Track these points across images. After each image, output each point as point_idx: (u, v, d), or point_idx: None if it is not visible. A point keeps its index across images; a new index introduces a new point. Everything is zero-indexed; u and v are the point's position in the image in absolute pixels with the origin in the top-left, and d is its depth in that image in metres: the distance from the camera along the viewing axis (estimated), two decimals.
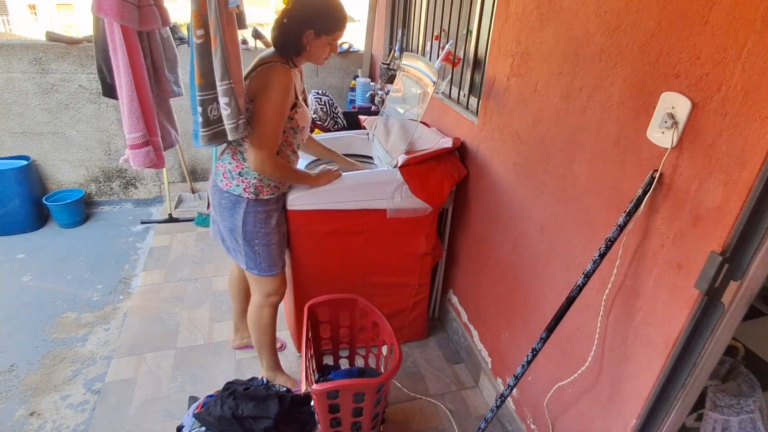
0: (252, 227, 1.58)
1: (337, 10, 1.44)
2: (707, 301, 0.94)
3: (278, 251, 1.67)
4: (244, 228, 1.58)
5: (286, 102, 1.44)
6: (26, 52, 2.88)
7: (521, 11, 1.47)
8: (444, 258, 2.19)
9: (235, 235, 1.61)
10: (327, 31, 1.43)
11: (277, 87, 1.40)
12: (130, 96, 2.10)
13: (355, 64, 3.58)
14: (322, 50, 1.48)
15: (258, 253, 1.62)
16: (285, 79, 1.41)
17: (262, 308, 1.74)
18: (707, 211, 0.90)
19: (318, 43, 1.45)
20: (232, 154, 1.56)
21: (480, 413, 1.87)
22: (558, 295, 1.41)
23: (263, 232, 1.60)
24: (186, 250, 2.88)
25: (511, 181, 1.62)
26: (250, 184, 1.54)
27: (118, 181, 3.43)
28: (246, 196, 1.54)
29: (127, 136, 2.22)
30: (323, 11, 1.42)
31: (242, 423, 1.56)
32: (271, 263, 1.65)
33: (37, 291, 2.48)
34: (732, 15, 0.82)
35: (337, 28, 1.45)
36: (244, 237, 1.59)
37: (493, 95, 1.68)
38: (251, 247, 1.61)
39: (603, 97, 1.14)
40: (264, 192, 1.56)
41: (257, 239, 1.60)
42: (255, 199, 1.55)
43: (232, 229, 1.60)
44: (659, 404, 1.09)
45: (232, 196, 1.55)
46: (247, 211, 1.56)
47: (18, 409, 1.81)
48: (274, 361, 1.87)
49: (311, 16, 1.41)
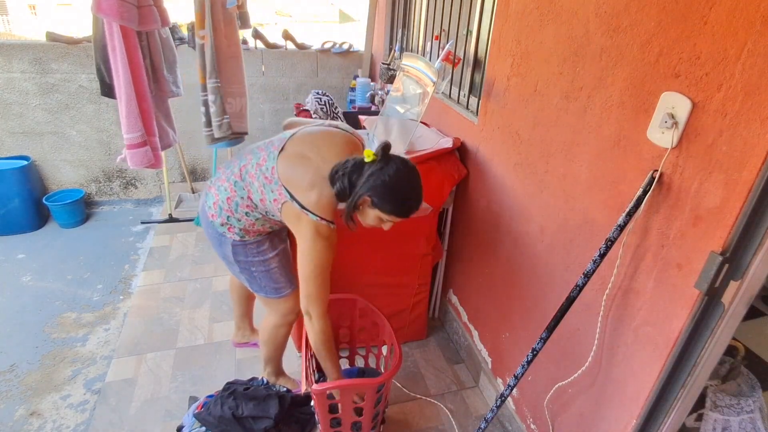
0: (244, 258, 1.48)
1: (405, 195, 1.26)
2: (707, 301, 0.94)
3: (281, 272, 1.55)
4: (236, 259, 1.48)
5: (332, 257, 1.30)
6: (26, 52, 2.88)
7: (521, 11, 1.47)
8: (444, 258, 2.19)
9: (230, 263, 1.52)
10: (383, 208, 1.25)
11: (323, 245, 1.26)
12: (128, 96, 2.10)
13: (355, 64, 3.58)
14: (371, 219, 1.30)
15: (258, 279, 1.53)
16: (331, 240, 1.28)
17: (279, 328, 1.66)
18: (707, 210, 0.90)
19: (370, 212, 1.28)
20: (229, 190, 1.38)
21: (480, 413, 1.87)
22: (558, 295, 1.41)
23: (258, 260, 1.50)
24: (186, 250, 2.88)
25: (512, 181, 1.62)
26: (235, 230, 1.43)
27: (119, 181, 3.43)
28: (229, 236, 1.43)
29: (125, 135, 2.22)
30: (390, 188, 1.21)
31: (242, 423, 1.56)
32: (277, 287, 1.56)
33: (37, 291, 2.48)
34: (732, 15, 0.82)
35: (393, 213, 1.26)
36: (239, 267, 1.50)
37: (493, 95, 1.68)
38: (250, 274, 1.53)
39: (603, 97, 1.14)
40: (250, 234, 1.45)
41: (253, 267, 1.51)
42: (242, 241, 1.45)
43: (225, 257, 1.51)
44: (659, 404, 1.09)
45: (217, 231, 1.44)
46: (234, 245, 1.45)
47: (18, 409, 1.81)
48: (279, 369, 1.86)
49: (376, 184, 1.20)
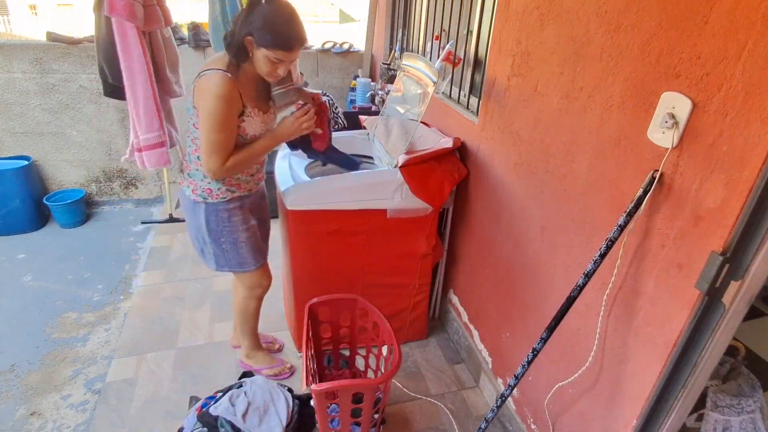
0: (215, 226, 1.57)
1: (282, 25, 1.31)
2: (708, 301, 0.94)
3: (248, 248, 1.65)
4: (208, 227, 1.57)
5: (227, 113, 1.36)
6: (27, 52, 2.88)
7: (522, 11, 1.47)
8: (444, 258, 2.18)
9: (202, 234, 1.60)
10: (265, 43, 1.31)
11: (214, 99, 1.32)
12: (146, 96, 2.09)
13: (355, 64, 3.58)
14: (262, 63, 1.35)
15: (226, 251, 1.62)
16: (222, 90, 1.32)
17: (248, 300, 1.79)
18: (708, 210, 0.90)
19: (258, 54, 1.34)
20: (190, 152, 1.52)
21: (480, 413, 1.87)
22: (558, 295, 1.41)
23: (227, 230, 1.59)
24: (186, 250, 2.88)
25: (512, 181, 1.61)
26: (197, 186, 1.52)
27: (119, 181, 3.44)
28: (194, 198, 1.53)
29: (142, 136, 2.20)
30: (267, 20, 1.29)
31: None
32: (242, 261, 1.65)
33: (37, 291, 2.48)
34: (733, 15, 0.82)
35: (275, 45, 1.31)
36: (209, 235, 1.59)
37: (494, 95, 1.68)
38: (218, 245, 1.61)
39: (603, 97, 1.14)
40: (213, 196, 1.53)
41: (223, 237, 1.59)
42: (205, 202, 1.53)
43: (198, 228, 1.59)
44: (660, 404, 1.09)
45: (186, 196, 1.56)
46: (207, 211, 1.55)
47: (18, 409, 1.81)
48: (255, 343, 1.96)
49: (255, 21, 1.29)
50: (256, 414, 1.59)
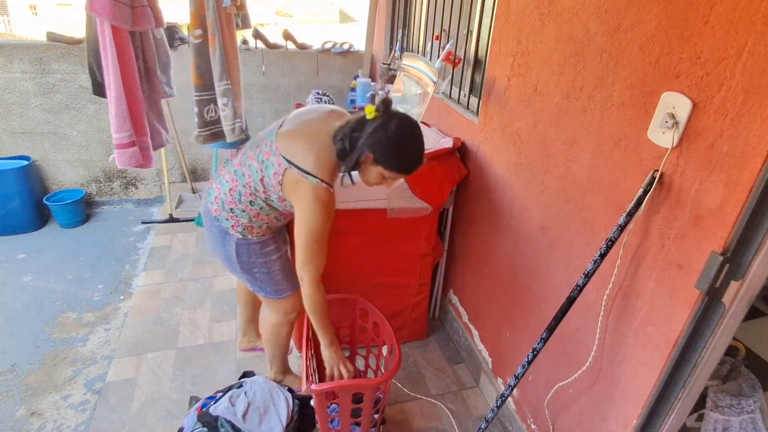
0: (247, 258, 1.47)
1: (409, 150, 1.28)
2: (708, 301, 0.94)
3: (283, 275, 1.55)
4: (238, 259, 1.47)
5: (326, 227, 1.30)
6: (27, 52, 2.88)
7: (522, 11, 1.47)
8: (444, 258, 2.18)
9: (231, 264, 1.51)
10: (386, 165, 1.27)
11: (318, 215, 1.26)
12: (117, 96, 2.09)
13: (355, 64, 3.57)
14: (374, 176, 1.31)
15: (260, 280, 1.53)
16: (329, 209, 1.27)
17: (280, 326, 1.67)
18: (708, 211, 0.90)
19: (373, 170, 1.29)
20: (230, 181, 1.39)
21: (480, 413, 1.87)
22: (558, 295, 1.41)
23: (260, 261, 1.49)
24: (187, 250, 2.88)
25: (512, 181, 1.61)
26: (239, 223, 1.41)
27: (119, 181, 3.44)
28: (233, 233, 1.42)
29: (114, 135, 2.21)
30: (394, 143, 1.24)
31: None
32: (278, 288, 1.56)
33: (37, 291, 2.48)
34: (733, 15, 0.82)
35: (398, 169, 1.29)
36: (240, 267, 1.49)
37: (494, 95, 1.68)
38: (251, 275, 1.52)
39: (603, 97, 1.14)
40: (254, 233, 1.44)
41: (256, 268, 1.50)
42: (243, 238, 1.44)
43: (227, 257, 1.49)
44: (660, 404, 1.09)
45: (221, 226, 1.43)
46: (239, 244, 1.44)
47: (18, 409, 1.81)
48: (285, 367, 1.86)
49: (381, 142, 1.22)
50: (256, 414, 1.59)
